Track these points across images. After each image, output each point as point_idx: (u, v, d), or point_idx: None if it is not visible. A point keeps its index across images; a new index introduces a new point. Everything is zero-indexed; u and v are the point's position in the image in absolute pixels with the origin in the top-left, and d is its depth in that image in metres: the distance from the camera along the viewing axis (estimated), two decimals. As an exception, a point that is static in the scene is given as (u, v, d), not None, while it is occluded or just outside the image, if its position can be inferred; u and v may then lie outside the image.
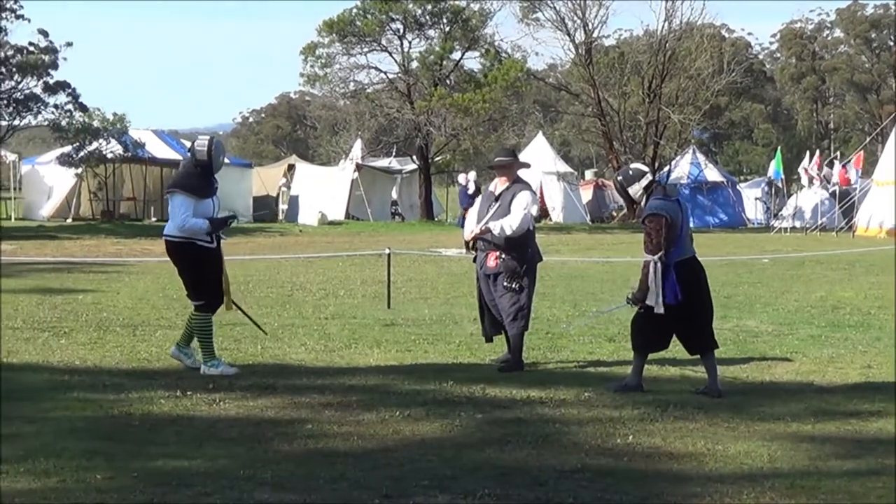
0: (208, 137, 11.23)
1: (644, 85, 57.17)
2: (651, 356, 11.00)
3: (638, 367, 10.22)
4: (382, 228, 44.63)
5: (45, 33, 45.19)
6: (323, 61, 50.35)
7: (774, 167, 48.92)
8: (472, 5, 50.94)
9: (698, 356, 10.37)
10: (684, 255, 10.05)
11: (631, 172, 10.34)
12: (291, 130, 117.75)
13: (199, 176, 10.92)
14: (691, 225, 10.90)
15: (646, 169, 10.52)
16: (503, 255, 11.33)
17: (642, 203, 10.17)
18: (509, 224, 11.24)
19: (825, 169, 47.81)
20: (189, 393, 9.69)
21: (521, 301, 11.36)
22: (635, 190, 10.19)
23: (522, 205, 11.34)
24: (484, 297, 11.69)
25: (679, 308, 9.87)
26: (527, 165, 12.31)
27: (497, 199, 11.54)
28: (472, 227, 11.71)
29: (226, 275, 11.26)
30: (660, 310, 9.83)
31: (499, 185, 11.67)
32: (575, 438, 8.30)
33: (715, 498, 6.76)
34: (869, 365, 11.81)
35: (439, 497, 6.69)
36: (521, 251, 11.39)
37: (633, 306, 10.23)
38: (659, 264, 9.82)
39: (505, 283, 11.33)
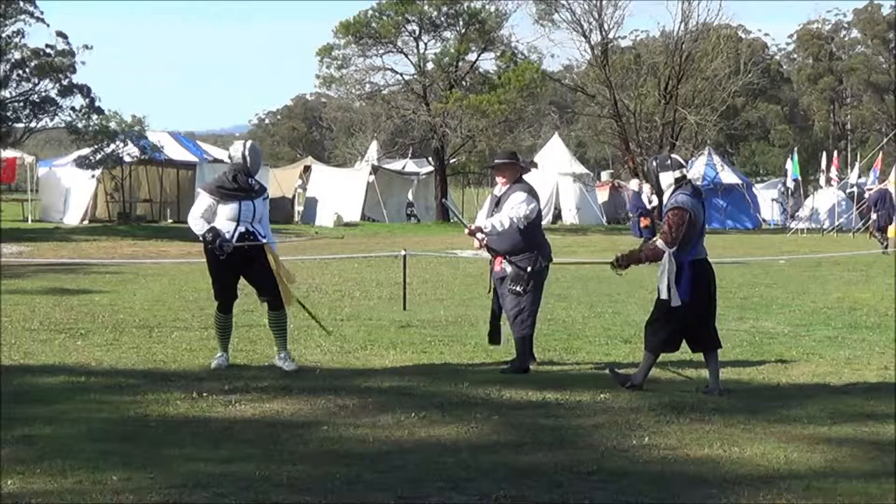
0: (244, 141, 11.53)
1: (660, 86, 57.00)
2: (667, 358, 11.02)
3: (647, 367, 10.24)
4: (398, 230, 44.65)
5: (63, 36, 45.31)
6: (339, 63, 50.41)
7: (792, 170, 48.62)
8: (487, 7, 50.92)
9: (702, 354, 10.40)
10: (699, 255, 10.09)
11: (669, 161, 10.35)
12: (307, 132, 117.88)
13: (229, 179, 11.13)
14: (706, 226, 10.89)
15: (684, 163, 10.54)
16: (508, 259, 11.37)
17: (667, 195, 10.16)
18: (499, 220, 11.23)
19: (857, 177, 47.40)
20: (205, 394, 9.71)
21: (522, 304, 11.37)
22: (667, 178, 10.18)
23: (511, 204, 11.34)
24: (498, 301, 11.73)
25: (689, 307, 9.89)
26: (526, 169, 12.10)
27: (498, 201, 11.57)
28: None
29: (279, 272, 11.28)
30: (676, 302, 9.86)
31: (500, 187, 11.67)
32: (591, 440, 8.29)
33: (731, 499, 6.75)
34: (886, 366, 11.77)
35: (455, 498, 6.70)
36: (527, 255, 11.39)
37: (613, 268, 10.30)
38: (673, 259, 9.85)
39: (509, 287, 11.37)
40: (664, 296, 9.92)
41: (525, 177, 11.73)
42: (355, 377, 10.84)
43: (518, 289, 11.34)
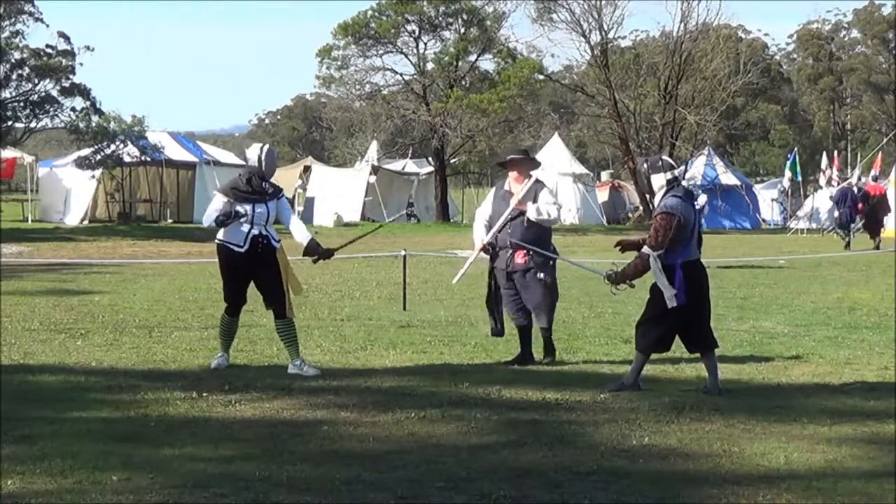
0: (260, 144, 11.55)
1: (660, 86, 57.01)
2: (667, 357, 11.05)
3: (638, 367, 10.24)
4: (398, 230, 44.62)
5: (65, 36, 45.31)
6: (339, 63, 50.47)
7: (791, 172, 48.51)
8: (486, 7, 50.93)
9: (699, 355, 10.40)
10: (691, 256, 10.09)
11: (660, 163, 10.34)
12: (307, 132, 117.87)
13: (244, 182, 11.15)
14: (705, 227, 10.94)
15: (674, 164, 10.55)
16: (534, 250, 11.54)
17: (658, 196, 10.16)
18: (546, 209, 11.56)
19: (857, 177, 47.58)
20: (205, 394, 9.70)
21: (554, 294, 11.78)
22: (658, 180, 10.18)
23: (545, 199, 11.62)
24: (499, 294, 11.78)
25: (684, 309, 9.89)
26: (537, 165, 12.29)
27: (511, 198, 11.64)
28: (481, 232, 11.81)
29: (287, 279, 11.28)
30: (672, 304, 9.86)
31: (513, 183, 11.75)
32: (591, 440, 8.29)
33: (731, 499, 6.75)
34: (885, 366, 11.76)
35: (455, 498, 6.69)
36: (546, 246, 11.66)
37: (606, 283, 10.41)
38: (659, 261, 9.86)
39: (540, 276, 11.60)
40: (668, 297, 9.89)
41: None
42: (355, 377, 10.83)
43: (547, 278, 11.63)
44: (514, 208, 11.61)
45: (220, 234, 11.21)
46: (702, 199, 26.14)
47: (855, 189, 37.40)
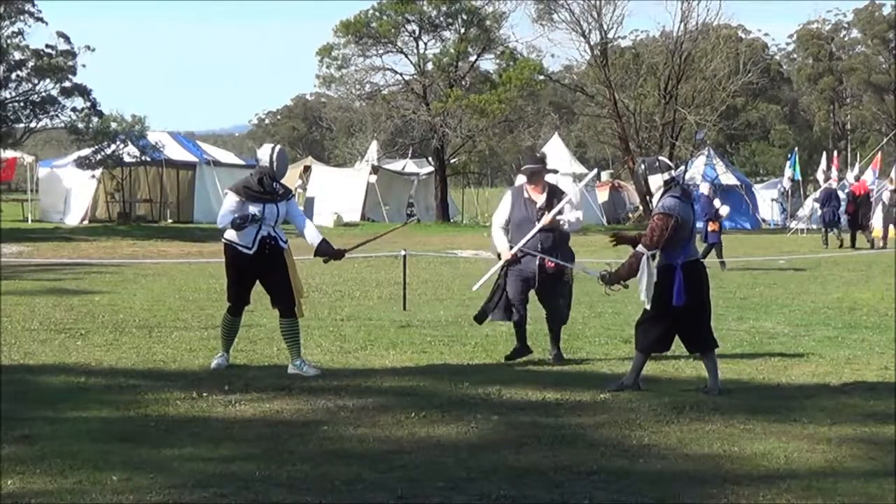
0: (272, 145, 11.54)
1: (660, 86, 56.93)
2: (667, 357, 11.06)
3: (638, 366, 10.25)
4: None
5: (64, 36, 45.23)
6: (339, 63, 50.40)
7: (792, 171, 48.48)
8: (486, 7, 50.91)
9: (699, 354, 10.42)
10: (691, 256, 10.11)
11: (657, 164, 10.39)
12: (307, 132, 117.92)
13: (255, 182, 11.15)
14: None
15: (671, 165, 10.61)
16: (559, 256, 12.06)
17: (657, 197, 10.19)
18: (576, 217, 12.37)
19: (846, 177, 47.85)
20: (205, 394, 9.71)
21: (571, 295, 12.32)
22: (656, 181, 10.22)
23: (569, 208, 12.17)
24: (513, 291, 11.94)
25: (683, 309, 9.90)
26: (554, 171, 12.61)
27: (543, 207, 12.04)
28: (502, 239, 12.03)
29: (295, 280, 11.28)
30: (647, 305, 9.93)
31: (532, 192, 11.93)
32: (591, 440, 8.29)
33: (731, 499, 6.75)
34: (885, 366, 11.76)
35: (455, 498, 6.69)
36: (567, 248, 12.29)
37: (600, 283, 10.56)
38: (652, 260, 9.89)
39: (566, 280, 12.22)
40: (641, 298, 9.97)
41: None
42: (355, 377, 10.84)
43: (571, 282, 12.25)
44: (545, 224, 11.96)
45: (228, 234, 11.20)
46: (724, 210, 26.35)
47: (846, 190, 37.77)
